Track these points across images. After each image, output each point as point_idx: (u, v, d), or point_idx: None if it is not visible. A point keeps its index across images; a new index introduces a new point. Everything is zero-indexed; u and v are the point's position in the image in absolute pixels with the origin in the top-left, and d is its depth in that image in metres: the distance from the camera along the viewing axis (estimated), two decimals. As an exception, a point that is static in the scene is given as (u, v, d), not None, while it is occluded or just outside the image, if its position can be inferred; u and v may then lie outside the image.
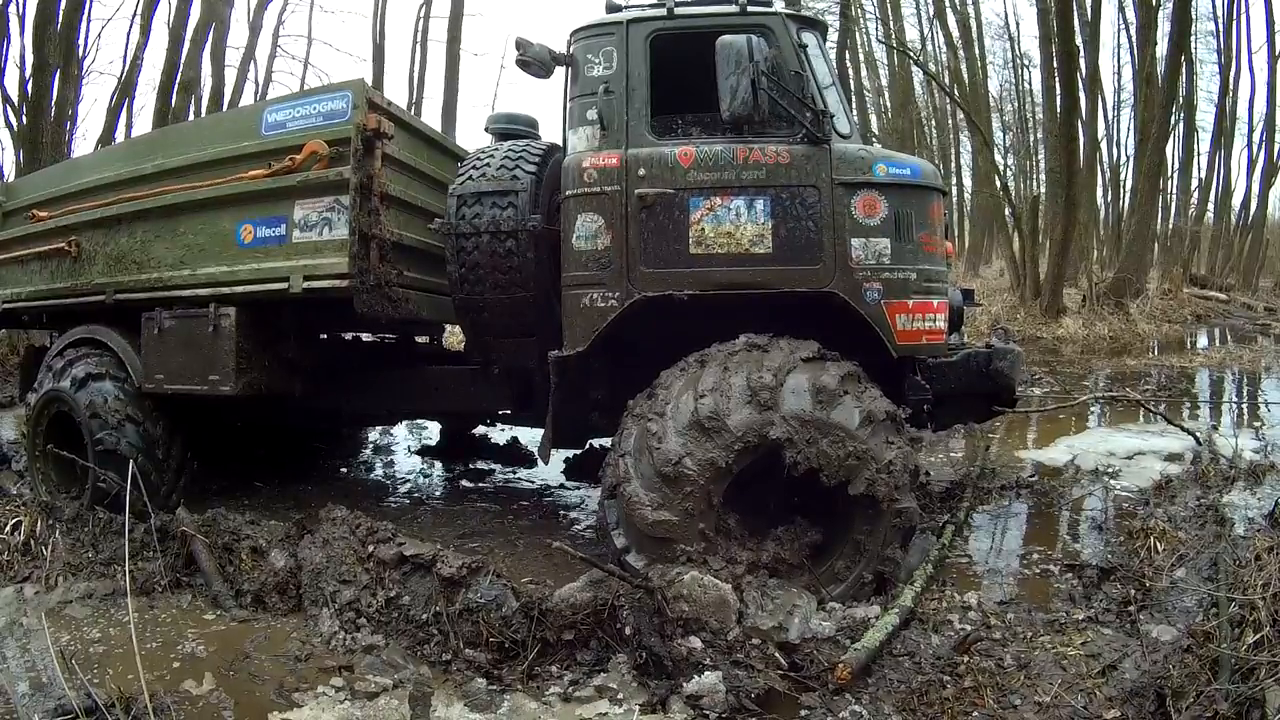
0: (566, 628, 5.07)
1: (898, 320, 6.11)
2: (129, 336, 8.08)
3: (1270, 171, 37.45)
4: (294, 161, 7.04)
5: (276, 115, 7.36)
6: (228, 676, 5.15)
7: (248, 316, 7.46)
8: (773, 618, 5.22)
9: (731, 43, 5.82)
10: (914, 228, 6.21)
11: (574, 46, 6.68)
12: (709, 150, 6.21)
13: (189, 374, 7.61)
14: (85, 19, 25.42)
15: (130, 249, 8.05)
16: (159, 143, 8.66)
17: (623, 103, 6.40)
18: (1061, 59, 21.42)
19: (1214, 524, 6.29)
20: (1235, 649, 4.22)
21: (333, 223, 6.99)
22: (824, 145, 6.16)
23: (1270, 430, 10.37)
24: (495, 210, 6.81)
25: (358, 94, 7.00)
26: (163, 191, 7.78)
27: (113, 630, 5.77)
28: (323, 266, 7.00)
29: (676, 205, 6.19)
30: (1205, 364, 16.65)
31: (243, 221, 7.40)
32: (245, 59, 31.80)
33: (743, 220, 6.13)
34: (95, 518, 7.40)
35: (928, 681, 4.70)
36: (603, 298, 6.27)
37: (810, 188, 6.12)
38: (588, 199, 6.34)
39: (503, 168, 6.97)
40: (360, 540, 6.12)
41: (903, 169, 6.28)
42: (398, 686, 4.94)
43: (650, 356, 6.25)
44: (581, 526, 8.06)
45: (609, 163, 6.30)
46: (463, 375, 8.08)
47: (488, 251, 6.81)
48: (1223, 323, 25.08)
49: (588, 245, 6.31)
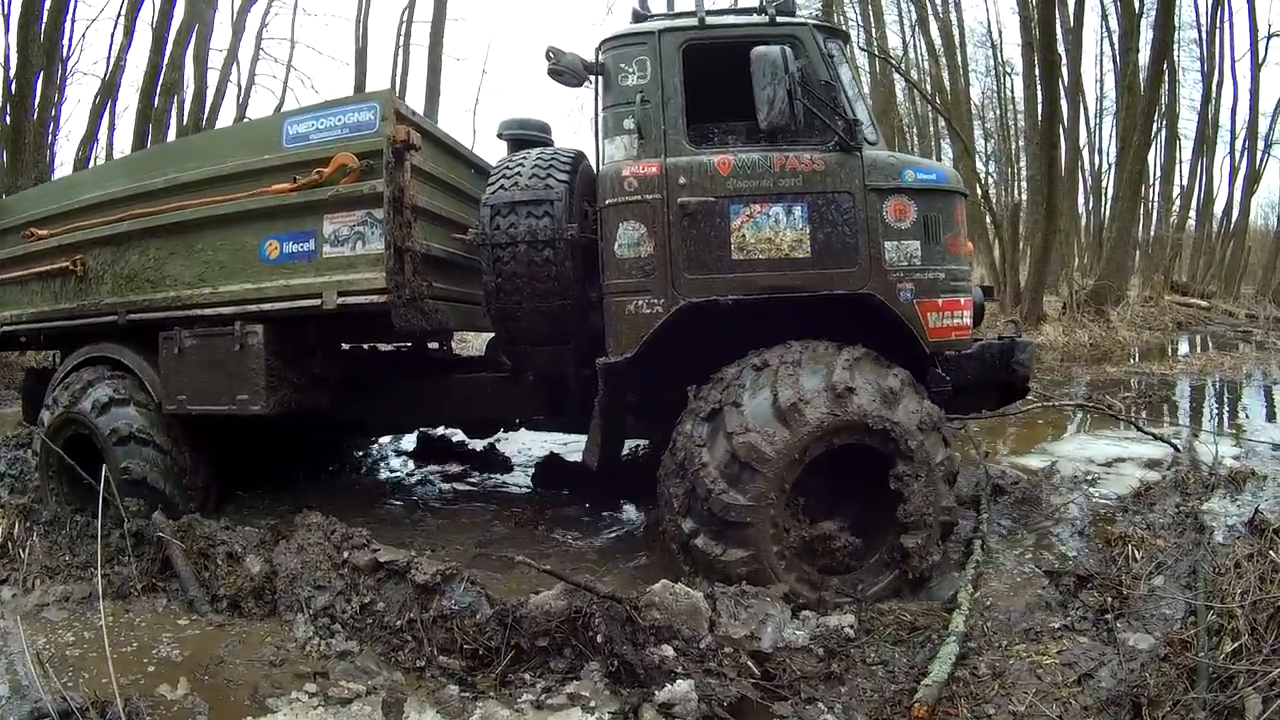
0: (540, 635, 5.08)
1: (929, 318, 6.36)
2: (144, 354, 7.86)
3: (1252, 179, 37.64)
4: (321, 175, 6.87)
5: (298, 127, 7.18)
6: (202, 681, 5.15)
7: (275, 333, 7.27)
8: (745, 626, 5.22)
9: (766, 54, 5.97)
10: (941, 230, 6.45)
11: (605, 56, 6.72)
12: (747, 159, 6.35)
13: (215, 394, 7.40)
14: (70, 19, 25.38)
15: (143, 267, 7.78)
16: (169, 156, 8.33)
17: (659, 112, 6.48)
18: (1043, 66, 21.46)
19: (1193, 531, 6.29)
20: (1213, 658, 4.24)
21: (366, 237, 6.86)
22: (855, 152, 6.35)
23: (1250, 437, 10.39)
24: (531, 220, 6.77)
25: (385, 105, 6.89)
26: (177, 207, 7.52)
27: (88, 634, 5.76)
28: (358, 282, 6.86)
29: (718, 213, 6.31)
30: (1186, 371, 16.70)
31: (268, 237, 7.20)
32: (228, 61, 31.75)
33: (782, 226, 6.30)
34: (72, 521, 7.36)
35: (901, 690, 4.70)
36: (648, 304, 6.38)
37: (845, 193, 6.30)
38: (629, 207, 6.42)
39: (535, 176, 6.93)
40: (335, 546, 6.14)
41: (929, 174, 6.55)
42: (371, 693, 4.93)
43: (681, 359, 6.46)
44: (619, 532, 8.06)
45: (649, 171, 6.39)
46: (493, 383, 8.08)
47: (525, 261, 6.77)
48: (1204, 330, 25.20)
49: (631, 253, 6.40)
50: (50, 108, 23.55)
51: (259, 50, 36.39)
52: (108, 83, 26.44)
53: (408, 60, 35.60)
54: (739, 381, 6.05)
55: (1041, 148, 21.89)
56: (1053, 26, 21.52)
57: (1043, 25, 21.13)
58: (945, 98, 30.90)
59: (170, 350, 7.53)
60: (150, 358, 7.77)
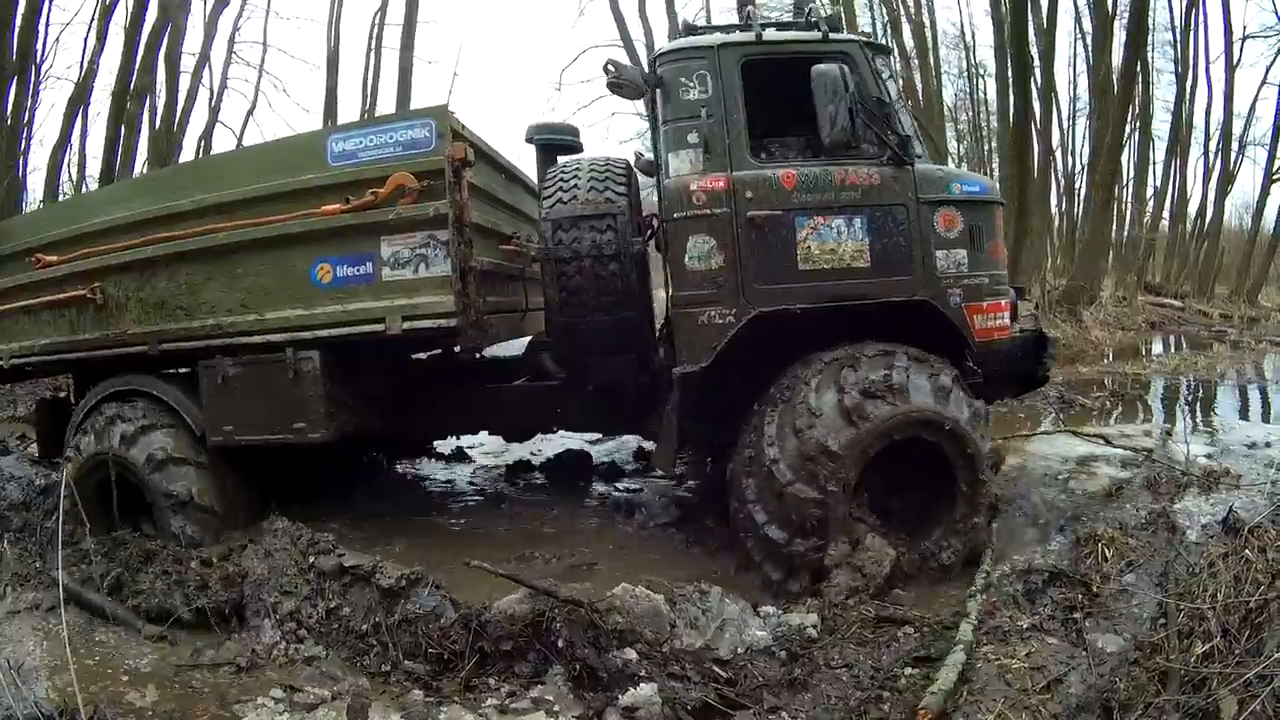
0: (504, 639, 5.10)
1: (976, 320, 6.76)
2: (179, 385, 7.60)
3: (1226, 180, 37.70)
4: (377, 196, 6.66)
5: (344, 144, 6.91)
6: (170, 688, 5.15)
7: (332, 358, 7.07)
8: (701, 635, 5.25)
9: (827, 72, 6.23)
10: (985, 238, 6.85)
11: (663, 69, 6.85)
12: (809, 173, 6.59)
13: (267, 423, 7.18)
14: (45, 23, 25.20)
15: (173, 294, 7.40)
16: (195, 176, 7.89)
17: (722, 126, 6.63)
18: (1016, 68, 21.54)
19: (1165, 530, 6.31)
20: (1184, 660, 4.23)
21: (429, 260, 6.68)
22: (907, 167, 6.64)
23: (1223, 436, 10.41)
24: (594, 234, 6.86)
25: (442, 121, 6.70)
26: (209, 230, 7.16)
27: (58, 641, 5.67)
28: (424, 306, 6.71)
29: (784, 225, 6.53)
30: (1159, 371, 16.73)
31: (318, 260, 6.94)
32: (200, 64, 31.41)
33: (844, 237, 6.57)
34: (43, 528, 7.29)
35: (866, 698, 4.69)
36: (720, 315, 6.56)
37: (899, 206, 6.61)
38: (698, 221, 6.58)
39: (593, 189, 7.01)
40: (301, 551, 6.11)
41: (973, 186, 6.97)
42: (336, 698, 4.96)
43: (734, 364, 6.66)
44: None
45: (717, 186, 6.55)
46: (546, 392, 8.11)
47: (590, 275, 6.87)
48: (1178, 330, 25.29)
49: (701, 265, 6.57)
50: (23, 112, 23.38)
51: (231, 54, 36.14)
52: (81, 86, 26.16)
53: (380, 63, 35.36)
54: (806, 381, 6.37)
55: (1014, 149, 21.93)
56: (1025, 28, 21.56)
57: (1016, 27, 21.19)
58: (918, 100, 30.97)
59: (213, 380, 7.27)
60: (186, 388, 7.53)
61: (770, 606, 5.70)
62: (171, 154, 26.66)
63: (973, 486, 6.47)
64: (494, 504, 8.91)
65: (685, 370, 6.63)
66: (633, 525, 8.01)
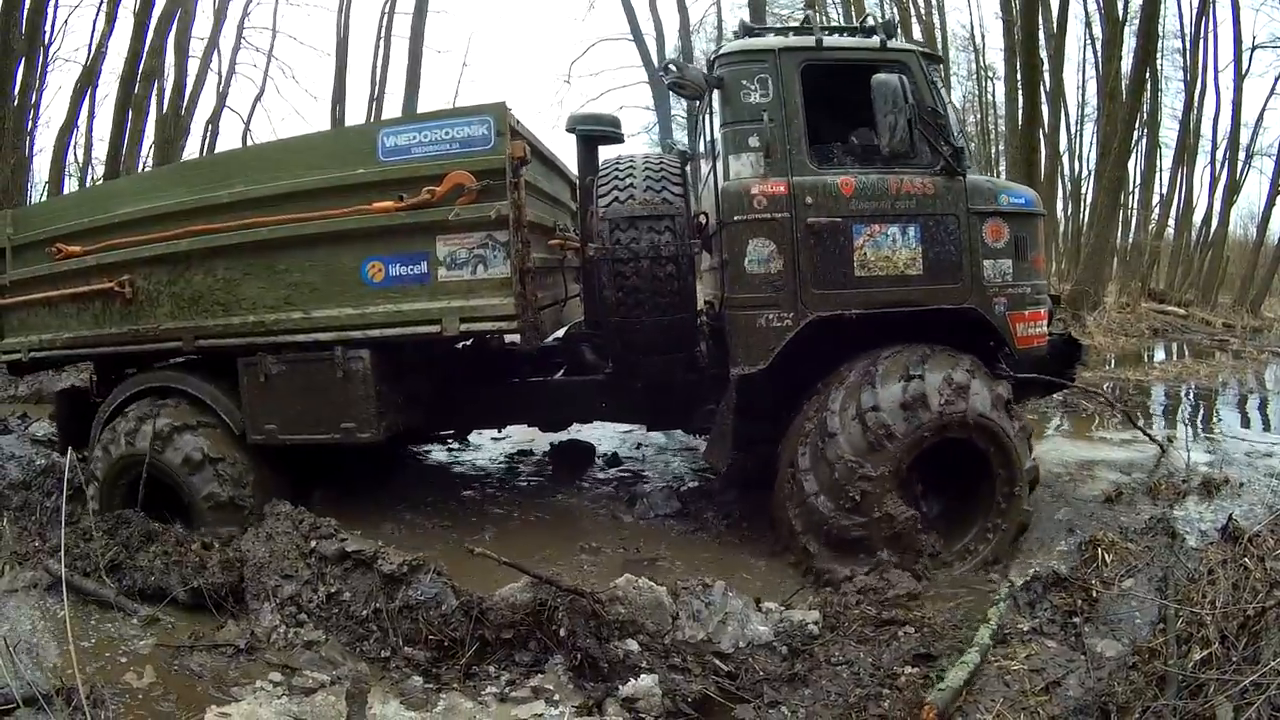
0: (505, 627, 5.08)
1: (1018, 329, 7.00)
2: (215, 382, 7.40)
3: (1232, 189, 37.68)
4: (434, 194, 6.52)
5: (396, 139, 6.74)
6: (169, 670, 5.14)
7: (381, 358, 6.95)
8: (703, 628, 5.24)
9: (887, 82, 6.42)
10: (1028, 249, 7.09)
11: (723, 70, 6.94)
12: (866, 181, 6.76)
13: (313, 423, 7.07)
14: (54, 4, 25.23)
15: (210, 289, 7.21)
16: (234, 167, 7.50)
17: (783, 131, 6.76)
18: (1025, 71, 21.51)
19: (1165, 535, 6.33)
20: (1182, 665, 4.22)
21: (488, 260, 6.61)
22: (958, 177, 6.84)
23: (1224, 444, 10.42)
24: (653, 235, 6.88)
25: (500, 119, 6.54)
26: (250, 224, 6.96)
27: (57, 620, 5.66)
28: (483, 308, 6.65)
29: (842, 232, 6.71)
30: (1161, 378, 16.71)
31: (369, 258, 6.81)
32: (209, 49, 31.51)
33: (898, 245, 6.77)
34: (42, 507, 7.27)
35: (867, 695, 4.68)
36: (778, 318, 6.74)
37: (951, 216, 6.83)
38: (758, 225, 6.72)
39: (649, 189, 7.02)
40: (303, 535, 6.09)
41: (1019, 198, 7.16)
42: (335, 683, 4.93)
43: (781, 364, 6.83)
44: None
45: (777, 190, 6.70)
46: (596, 387, 8.16)
47: (648, 276, 6.88)
48: (1181, 337, 25.22)
49: (761, 269, 6.73)
50: (30, 94, 23.40)
51: (240, 39, 36.23)
52: (88, 69, 26.22)
53: (389, 52, 35.46)
54: (871, 370, 6.55)
55: (1021, 152, 21.92)
56: (1035, 32, 21.58)
57: (1026, 30, 21.18)
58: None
59: (254, 378, 7.12)
60: (223, 385, 7.35)
61: (773, 603, 5.68)
62: (179, 138, 26.79)
63: (1010, 498, 6.61)
64: (532, 495, 8.84)
65: (744, 372, 6.81)
66: (688, 522, 7.98)
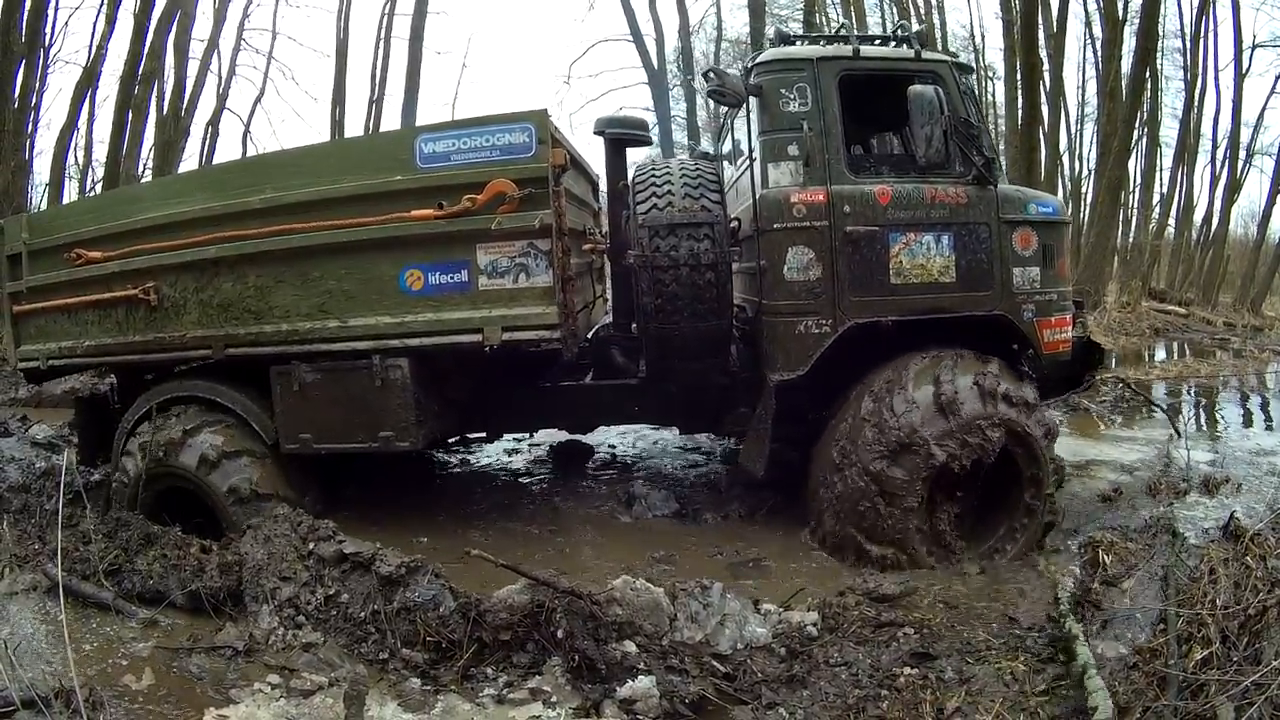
0: (503, 629, 5.08)
1: (1045, 334, 7.16)
2: (245, 391, 7.31)
3: (1232, 188, 37.67)
4: (475, 202, 6.49)
5: (434, 145, 6.64)
6: (167, 672, 5.11)
7: (420, 365, 6.92)
8: (701, 629, 5.25)
9: (923, 93, 6.56)
10: (1055, 256, 7.26)
11: (760, 78, 7.06)
12: (902, 190, 6.92)
13: (350, 432, 7.00)
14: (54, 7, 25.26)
15: (240, 296, 7.09)
16: (263, 172, 7.31)
17: (821, 139, 6.90)
18: (1025, 71, 21.45)
19: (1166, 534, 6.32)
20: (1183, 666, 4.21)
21: (529, 269, 6.58)
22: (990, 187, 6.99)
23: (1225, 443, 10.40)
24: (692, 242, 6.90)
25: (541, 127, 6.50)
26: (283, 230, 6.86)
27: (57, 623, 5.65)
28: (525, 317, 6.62)
29: (879, 240, 6.86)
30: (1162, 377, 16.70)
31: (407, 266, 6.75)
32: (208, 50, 31.46)
33: (932, 253, 6.92)
34: (42, 510, 7.25)
35: (865, 696, 4.68)
36: (817, 325, 6.91)
37: (983, 224, 6.98)
38: (798, 233, 6.88)
39: (688, 196, 7.04)
40: (301, 537, 6.08)
41: (1047, 207, 7.35)
42: (333, 685, 4.94)
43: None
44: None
45: (816, 199, 6.85)
46: (631, 391, 8.17)
47: (687, 284, 6.92)
48: (1181, 336, 25.18)
49: (800, 276, 6.89)
50: (31, 95, 23.40)
51: (240, 40, 36.22)
52: (89, 71, 26.20)
53: (389, 53, 35.43)
54: (904, 374, 6.70)
55: (1021, 152, 21.83)
56: (1035, 31, 21.55)
57: (1025, 30, 21.13)
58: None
59: (287, 387, 7.03)
60: (254, 394, 7.27)
61: (771, 604, 5.69)
62: (179, 140, 26.78)
63: (1037, 499, 6.76)
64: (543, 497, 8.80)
65: (784, 378, 6.96)
66: (687, 522, 7.99)
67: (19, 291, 8.15)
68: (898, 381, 6.67)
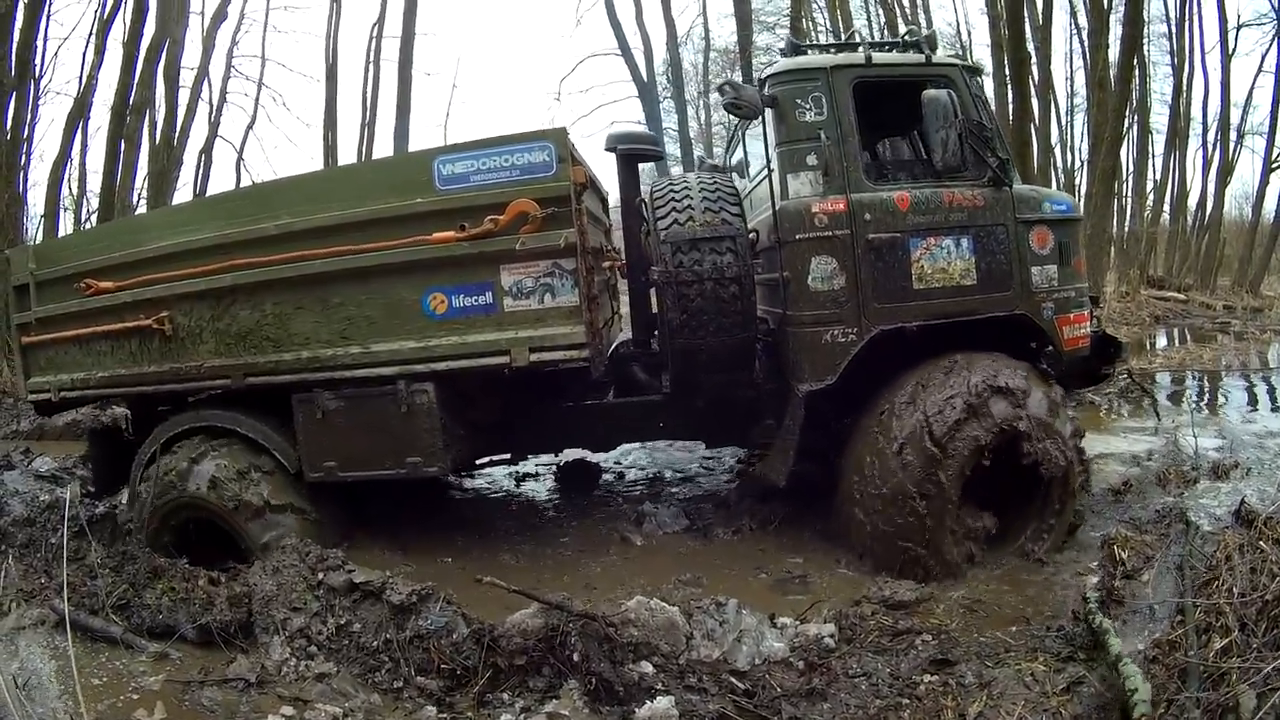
0: (518, 654, 5.05)
1: (1064, 331, 7.24)
2: (266, 420, 7.23)
3: (1225, 171, 37.83)
4: (497, 223, 6.42)
5: (453, 167, 6.59)
6: (179, 705, 5.07)
7: (447, 390, 6.87)
8: (719, 646, 5.23)
9: (937, 98, 6.65)
10: (1071, 253, 7.33)
11: (776, 89, 7.08)
12: (921, 195, 6.97)
13: (375, 459, 6.95)
14: (42, 38, 25.28)
15: (258, 324, 7.04)
16: (275, 198, 7.24)
17: (838, 148, 6.93)
18: (1013, 65, 21.43)
19: (1179, 523, 6.28)
20: (1203, 656, 4.18)
21: (555, 289, 6.54)
22: (1005, 187, 7.05)
23: (1231, 428, 10.38)
24: (715, 256, 6.92)
25: (561, 146, 6.46)
26: (300, 257, 6.80)
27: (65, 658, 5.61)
28: (552, 337, 6.57)
29: (900, 246, 6.90)
30: (1165, 365, 16.69)
31: (430, 289, 6.70)
32: (199, 78, 31.62)
33: (953, 257, 6.98)
34: (48, 544, 7.22)
35: (886, 706, 4.65)
36: (843, 333, 6.94)
37: (1001, 226, 7.04)
38: (820, 242, 6.91)
39: (708, 210, 7.06)
40: (310, 567, 6.04)
41: (1061, 205, 7.40)
42: (348, 715, 4.91)
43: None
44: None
45: (837, 208, 6.88)
46: (655, 407, 8.10)
47: (712, 298, 6.93)
48: (1182, 323, 25.19)
49: (824, 286, 6.93)
50: (22, 127, 23.42)
51: (230, 67, 36.33)
52: (80, 101, 26.22)
53: (378, 76, 35.58)
54: (932, 379, 6.71)
55: (1013, 147, 21.73)
56: (1021, 25, 21.49)
57: (1011, 24, 21.12)
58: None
59: (310, 415, 6.99)
60: (275, 424, 7.20)
61: (787, 617, 5.67)
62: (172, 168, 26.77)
63: (1064, 500, 6.80)
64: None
65: (812, 388, 6.98)
66: (697, 538, 7.97)
67: (27, 323, 8.11)
68: (928, 385, 6.68)
